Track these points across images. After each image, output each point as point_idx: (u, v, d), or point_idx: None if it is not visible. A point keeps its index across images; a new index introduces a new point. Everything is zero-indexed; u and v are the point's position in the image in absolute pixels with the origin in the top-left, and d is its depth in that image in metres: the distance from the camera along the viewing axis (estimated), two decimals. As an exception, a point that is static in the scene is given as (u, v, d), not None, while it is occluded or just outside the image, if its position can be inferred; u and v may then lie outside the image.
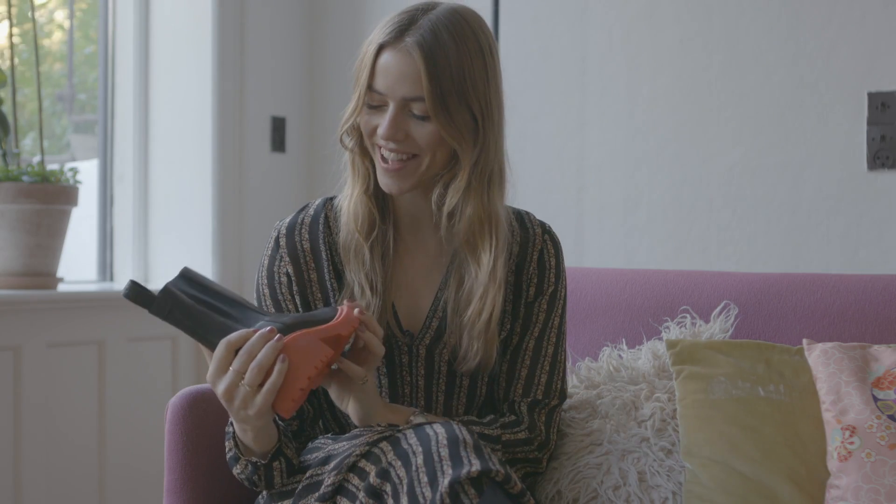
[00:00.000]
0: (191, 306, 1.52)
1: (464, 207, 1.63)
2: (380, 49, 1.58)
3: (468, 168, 1.61)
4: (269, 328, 1.49)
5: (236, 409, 1.49)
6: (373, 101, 1.59)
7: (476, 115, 1.60)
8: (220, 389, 1.49)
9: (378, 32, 1.59)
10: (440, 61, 1.55)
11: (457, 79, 1.56)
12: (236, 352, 1.48)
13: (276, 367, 1.47)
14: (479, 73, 1.59)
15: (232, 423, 1.57)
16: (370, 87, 1.58)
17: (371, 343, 1.56)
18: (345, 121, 1.63)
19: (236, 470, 1.60)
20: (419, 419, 1.60)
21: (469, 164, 1.61)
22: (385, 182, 1.62)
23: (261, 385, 1.47)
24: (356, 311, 1.54)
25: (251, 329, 1.50)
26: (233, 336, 1.49)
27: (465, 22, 1.59)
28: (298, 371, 1.48)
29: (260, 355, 1.46)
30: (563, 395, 1.76)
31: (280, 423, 1.64)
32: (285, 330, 1.50)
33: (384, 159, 1.60)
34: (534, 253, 1.73)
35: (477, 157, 1.61)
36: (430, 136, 1.58)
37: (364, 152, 1.66)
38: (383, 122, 1.58)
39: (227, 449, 1.60)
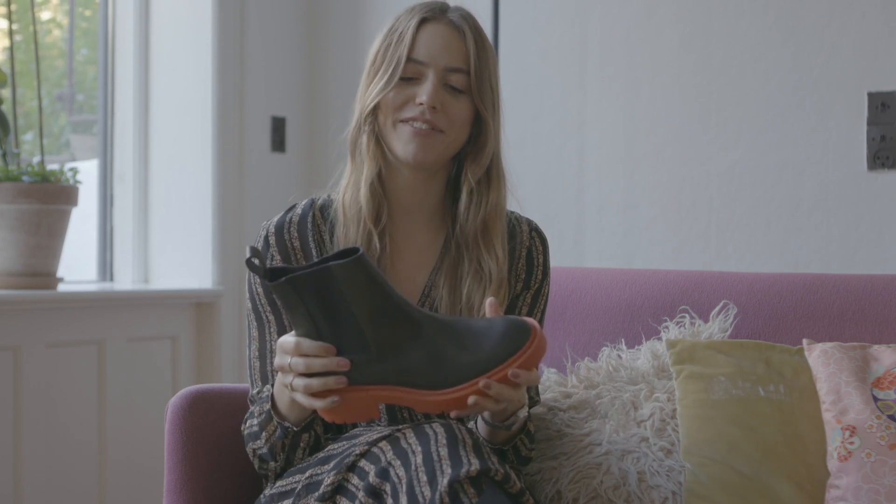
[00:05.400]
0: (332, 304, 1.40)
1: (486, 194, 1.68)
2: (422, 23, 1.63)
3: (492, 144, 1.67)
4: (340, 379, 1.42)
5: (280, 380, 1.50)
6: (406, 74, 1.63)
7: (494, 97, 1.68)
8: (276, 363, 1.48)
9: (411, 14, 1.65)
10: (479, 39, 1.65)
11: (489, 59, 1.66)
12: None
13: (323, 403, 1.44)
14: (495, 61, 1.69)
15: (272, 384, 1.59)
16: (409, 57, 1.62)
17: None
18: (373, 98, 1.64)
19: (259, 442, 1.59)
20: None
21: (493, 139, 1.67)
22: (410, 148, 1.63)
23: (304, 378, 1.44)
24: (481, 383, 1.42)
25: (334, 360, 1.42)
26: (309, 349, 1.43)
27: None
28: (338, 414, 1.45)
29: (315, 383, 1.43)
30: (538, 392, 1.78)
31: None
32: (373, 377, 1.42)
33: (413, 125, 1.62)
34: (522, 250, 1.74)
35: (495, 136, 1.68)
36: (463, 111, 1.64)
37: (376, 137, 1.66)
38: (424, 89, 1.61)
39: (256, 415, 1.60)
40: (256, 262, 1.44)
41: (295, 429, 1.57)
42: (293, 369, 1.44)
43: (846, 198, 2.56)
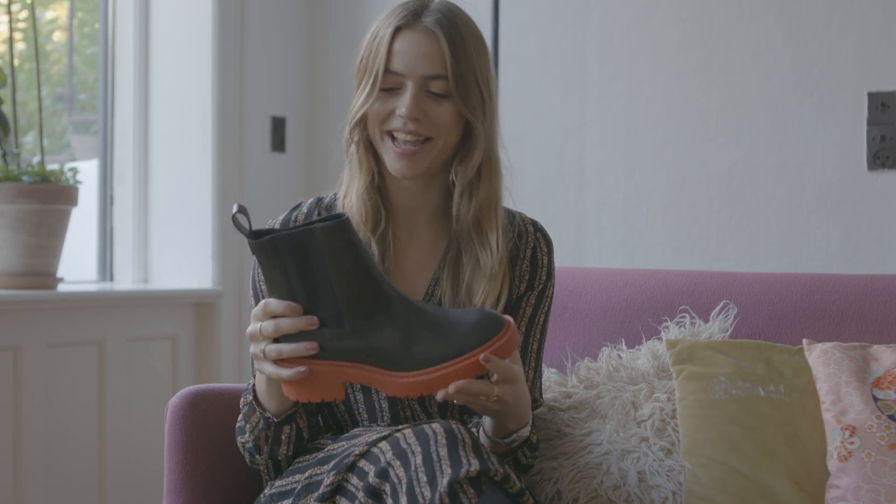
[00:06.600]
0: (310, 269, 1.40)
1: (476, 189, 1.66)
2: (396, 31, 1.61)
3: (482, 145, 1.65)
4: (311, 344, 1.43)
5: (253, 352, 1.50)
6: (386, 85, 1.61)
7: (483, 95, 1.64)
8: (248, 331, 1.49)
9: (389, 19, 1.63)
10: (457, 40, 1.61)
11: (471, 58, 1.62)
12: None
13: (290, 372, 1.44)
14: (482, 55, 1.65)
15: (253, 374, 1.60)
16: (387, 69, 1.60)
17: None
18: (356, 110, 1.64)
19: (245, 435, 1.61)
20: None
21: (482, 140, 1.65)
22: (398, 167, 1.63)
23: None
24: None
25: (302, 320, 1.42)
26: (277, 310, 1.43)
27: (463, 11, 1.67)
28: (304, 389, 1.45)
29: (286, 348, 1.44)
30: (541, 393, 1.77)
31: None
32: (344, 353, 1.42)
33: (397, 143, 1.62)
34: (526, 250, 1.74)
35: (486, 135, 1.66)
36: (448, 116, 1.61)
37: (368, 146, 1.66)
38: (403, 101, 1.60)
39: (241, 406, 1.62)
40: (242, 218, 1.43)
41: (276, 420, 1.58)
42: (263, 333, 1.45)
43: (846, 198, 2.56)
